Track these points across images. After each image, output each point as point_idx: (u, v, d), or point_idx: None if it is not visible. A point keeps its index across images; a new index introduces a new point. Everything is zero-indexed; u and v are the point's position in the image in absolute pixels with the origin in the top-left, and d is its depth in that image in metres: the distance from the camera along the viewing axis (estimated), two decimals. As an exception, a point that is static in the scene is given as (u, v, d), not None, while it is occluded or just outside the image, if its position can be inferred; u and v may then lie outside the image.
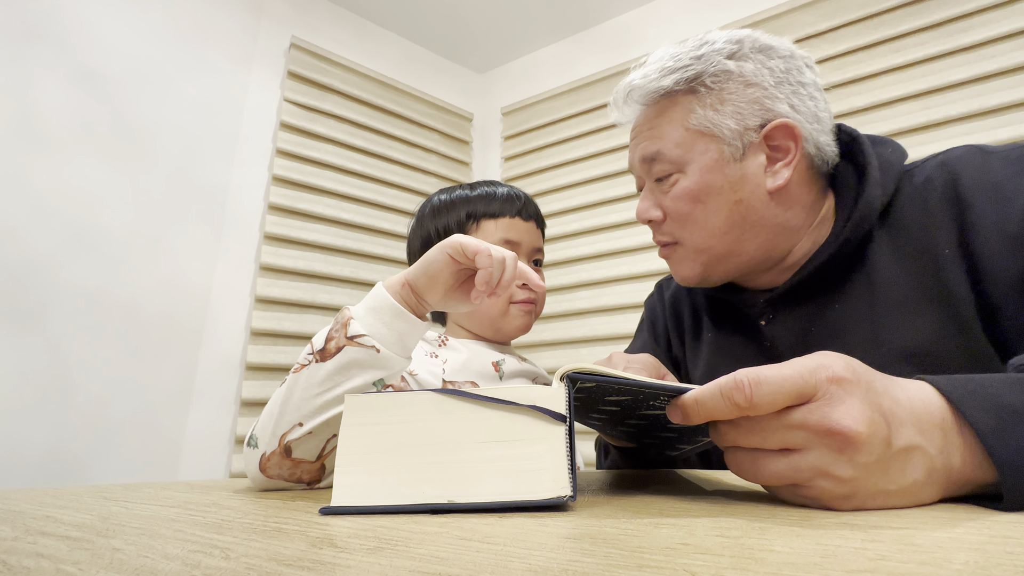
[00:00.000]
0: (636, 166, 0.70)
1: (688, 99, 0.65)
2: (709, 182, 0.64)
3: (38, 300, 1.43)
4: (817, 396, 0.33)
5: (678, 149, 0.65)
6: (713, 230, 0.65)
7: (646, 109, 0.68)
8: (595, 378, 0.37)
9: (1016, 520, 0.29)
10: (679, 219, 0.66)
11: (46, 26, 1.52)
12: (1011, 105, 1.49)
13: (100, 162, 1.56)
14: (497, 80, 2.58)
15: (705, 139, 0.64)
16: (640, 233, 2.01)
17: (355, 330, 0.52)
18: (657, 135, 0.66)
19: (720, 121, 0.63)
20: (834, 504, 0.33)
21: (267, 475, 0.52)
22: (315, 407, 0.51)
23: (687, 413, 0.37)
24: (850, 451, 0.32)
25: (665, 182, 0.67)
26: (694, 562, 0.21)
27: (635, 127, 0.70)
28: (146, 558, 0.24)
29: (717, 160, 0.64)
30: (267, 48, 1.96)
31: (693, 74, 0.64)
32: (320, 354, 0.52)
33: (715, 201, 0.64)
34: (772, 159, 0.64)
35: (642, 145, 0.68)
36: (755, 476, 0.36)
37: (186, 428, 1.62)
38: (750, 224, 0.65)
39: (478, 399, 0.37)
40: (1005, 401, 0.34)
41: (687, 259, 0.69)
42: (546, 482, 0.35)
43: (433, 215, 0.90)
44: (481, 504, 0.35)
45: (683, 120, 0.65)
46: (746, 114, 0.63)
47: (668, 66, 0.65)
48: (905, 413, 0.34)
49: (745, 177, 0.64)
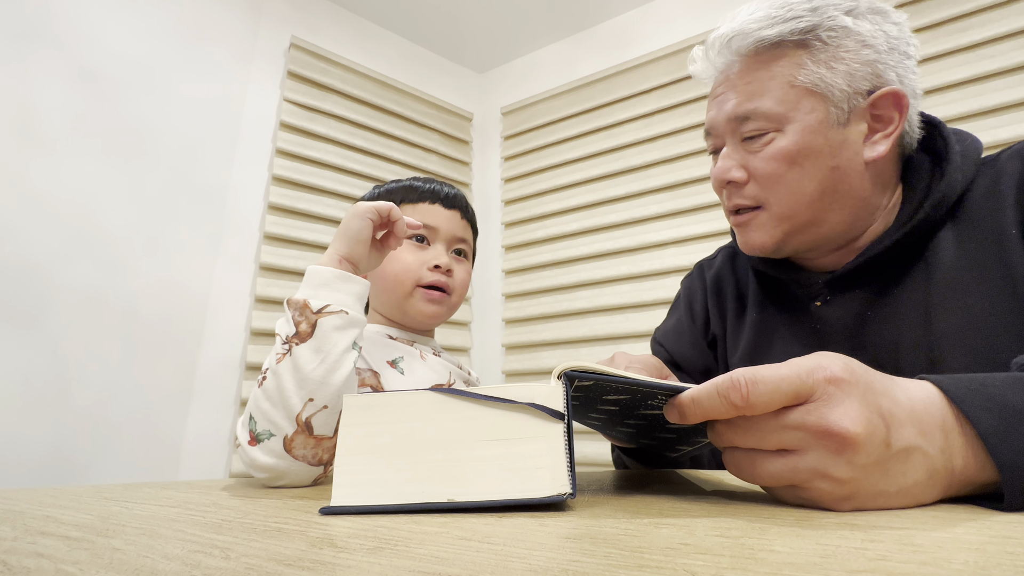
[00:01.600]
0: (721, 123, 0.64)
1: (798, 53, 0.60)
2: (809, 144, 0.60)
3: (38, 300, 1.42)
4: (815, 397, 0.33)
5: (780, 106, 0.60)
6: (803, 196, 0.61)
7: (744, 60, 0.63)
8: (592, 376, 0.37)
9: (1016, 520, 0.29)
10: (768, 181, 0.62)
11: (45, 26, 1.52)
12: (1011, 105, 1.49)
13: (100, 162, 1.56)
14: (497, 80, 2.58)
15: (812, 98, 0.59)
16: (640, 233, 2.01)
17: (317, 306, 0.57)
18: (756, 90, 0.61)
19: (832, 80, 0.59)
20: (833, 505, 0.33)
21: (295, 456, 0.53)
22: (318, 379, 0.54)
23: (684, 412, 0.37)
24: (848, 453, 0.32)
25: (756, 141, 0.62)
26: (694, 562, 0.21)
27: (725, 80, 0.64)
28: (146, 558, 0.24)
29: (822, 122, 0.59)
30: (267, 48, 1.96)
31: (808, 25, 0.59)
32: (296, 337, 0.56)
33: (812, 165, 0.60)
34: (872, 129, 0.61)
35: (735, 100, 0.62)
36: (752, 476, 0.36)
37: (186, 428, 1.62)
38: (840, 194, 0.61)
39: (476, 398, 0.37)
40: (1008, 401, 0.33)
41: (767, 225, 0.64)
42: (545, 480, 0.35)
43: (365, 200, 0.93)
44: (481, 503, 0.35)
45: (790, 75, 0.60)
46: (858, 76, 0.59)
47: (777, 15, 0.60)
48: (905, 414, 0.34)
49: (846, 143, 0.60)
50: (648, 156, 2.05)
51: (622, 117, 2.14)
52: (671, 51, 2.06)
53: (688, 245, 1.91)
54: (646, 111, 2.08)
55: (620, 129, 2.15)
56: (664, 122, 2.04)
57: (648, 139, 2.07)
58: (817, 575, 0.19)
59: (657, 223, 2.00)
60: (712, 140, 0.67)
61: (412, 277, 0.81)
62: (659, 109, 2.06)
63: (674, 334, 0.81)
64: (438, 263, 0.81)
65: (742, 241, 0.67)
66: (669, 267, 1.91)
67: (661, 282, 1.93)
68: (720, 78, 0.65)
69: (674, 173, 1.98)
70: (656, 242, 1.97)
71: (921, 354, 0.57)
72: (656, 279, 1.95)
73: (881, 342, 0.60)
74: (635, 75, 2.14)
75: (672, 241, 1.94)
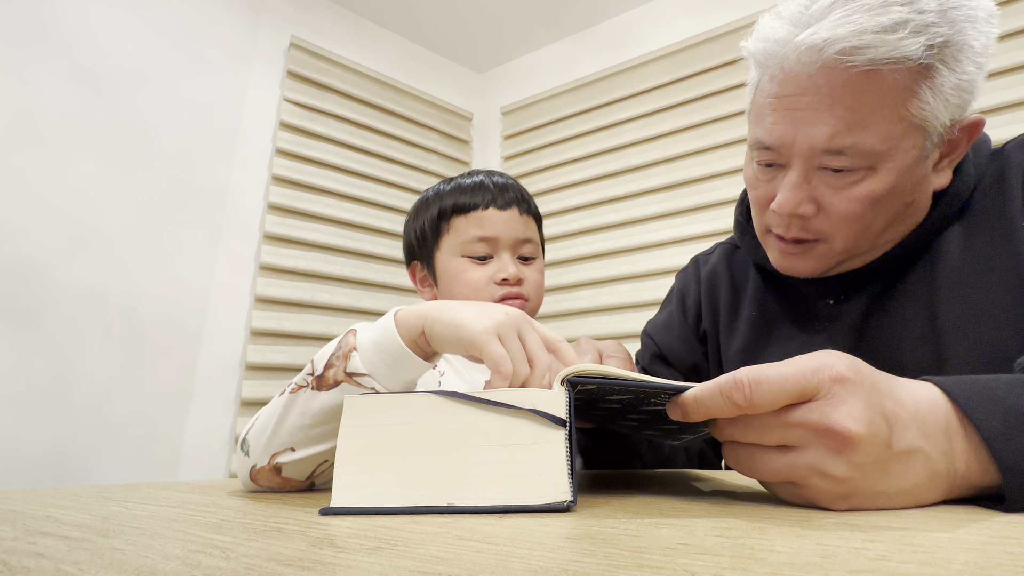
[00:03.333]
0: (801, 148, 0.52)
1: (916, 79, 0.48)
2: (898, 184, 0.52)
3: (38, 300, 1.42)
4: (819, 395, 0.33)
5: (883, 144, 0.49)
6: (871, 232, 0.55)
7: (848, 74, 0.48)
8: (596, 380, 0.37)
9: (1016, 520, 0.29)
10: (843, 220, 0.54)
11: (45, 26, 1.52)
12: (1011, 105, 1.49)
13: (100, 162, 1.56)
14: (497, 79, 2.58)
15: (915, 134, 0.50)
16: (640, 233, 2.01)
17: (355, 366, 0.46)
18: (859, 120, 0.49)
19: (943, 115, 0.49)
20: (830, 504, 0.33)
21: (257, 484, 0.52)
22: (308, 437, 0.48)
23: (687, 411, 0.37)
24: (848, 452, 0.32)
25: (841, 175, 0.52)
26: (694, 562, 0.21)
27: (812, 89, 0.50)
28: (146, 558, 0.24)
29: (916, 159, 0.51)
30: (267, 48, 1.96)
31: (941, 41, 0.46)
32: (318, 381, 0.47)
33: (892, 203, 0.53)
34: (942, 155, 0.54)
35: (829, 127, 0.50)
36: (751, 471, 0.36)
37: (186, 428, 1.62)
38: (900, 222, 0.56)
39: (478, 402, 0.37)
40: (1012, 404, 0.33)
41: (823, 257, 0.57)
42: (546, 487, 0.35)
43: (415, 215, 0.85)
44: (480, 508, 0.35)
45: (902, 103, 0.48)
46: (958, 104, 0.50)
47: (913, 21, 0.46)
48: (909, 415, 0.33)
49: (925, 177, 0.53)
50: (648, 156, 2.05)
51: (622, 117, 2.13)
52: (671, 51, 2.06)
53: (688, 245, 1.91)
54: (646, 111, 2.08)
55: (620, 129, 2.15)
56: (664, 122, 2.04)
57: (648, 139, 2.07)
58: (817, 575, 0.19)
59: (657, 223, 2.00)
60: (771, 155, 0.55)
61: (482, 298, 0.76)
62: (659, 109, 2.06)
63: (664, 328, 0.80)
64: (505, 276, 0.76)
65: (786, 266, 0.60)
66: (669, 267, 1.91)
67: (661, 282, 1.93)
68: (803, 83, 0.50)
69: (674, 173, 1.98)
70: (656, 242, 1.97)
71: (926, 348, 0.56)
72: (656, 279, 1.95)
73: (885, 337, 0.59)
74: (635, 75, 2.14)
75: (672, 241, 1.94)
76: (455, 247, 0.79)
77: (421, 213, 0.84)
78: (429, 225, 0.82)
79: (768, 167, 0.57)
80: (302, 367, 0.56)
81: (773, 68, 0.53)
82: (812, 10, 0.49)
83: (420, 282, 0.86)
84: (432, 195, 0.83)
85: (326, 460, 0.50)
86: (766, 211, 0.58)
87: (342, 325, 1.93)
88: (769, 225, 0.59)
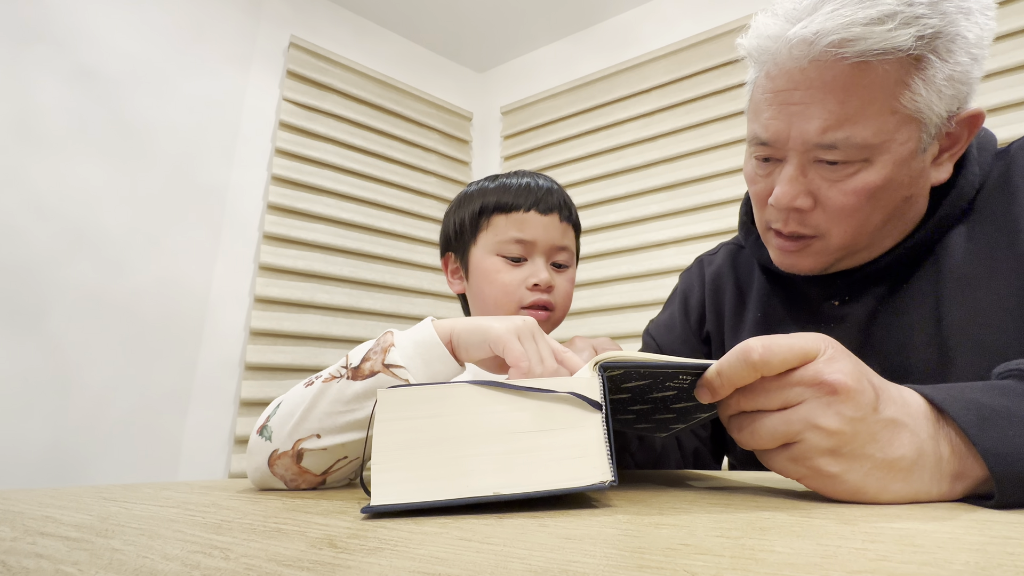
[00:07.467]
0: (795, 142, 0.53)
1: (908, 71, 0.48)
2: (894, 177, 0.52)
3: (38, 300, 1.42)
4: (819, 355, 0.36)
5: (877, 137, 0.50)
6: (868, 227, 0.55)
7: (839, 66, 0.49)
8: (626, 365, 0.38)
9: (1016, 520, 0.29)
10: (840, 214, 0.54)
11: (44, 26, 1.52)
12: (1011, 105, 1.49)
13: (99, 162, 1.56)
14: (497, 79, 2.58)
15: (910, 126, 0.50)
16: (640, 233, 2.01)
17: (393, 359, 0.49)
18: (851, 113, 0.49)
19: (937, 106, 0.49)
20: (823, 464, 0.35)
21: (272, 471, 0.52)
22: (337, 425, 0.50)
23: (713, 387, 0.39)
24: (837, 403, 0.34)
25: (836, 168, 0.52)
26: (694, 562, 0.21)
27: (805, 83, 0.50)
28: (146, 558, 0.24)
29: (912, 152, 0.51)
30: (266, 47, 1.96)
31: (931, 32, 0.47)
32: (353, 372, 0.50)
33: (888, 197, 0.53)
34: (941, 149, 0.54)
35: (821, 120, 0.50)
36: (753, 437, 0.38)
37: (185, 428, 1.62)
38: (899, 218, 0.56)
39: (515, 389, 0.37)
40: (984, 402, 0.36)
41: (821, 254, 0.58)
42: (588, 468, 0.35)
43: (457, 206, 0.86)
44: (527, 494, 0.34)
45: (894, 96, 0.48)
46: (953, 95, 0.49)
47: (902, 12, 0.46)
48: (894, 394, 0.36)
49: (923, 171, 0.53)
50: (648, 156, 2.05)
51: (622, 116, 2.13)
52: (671, 51, 2.06)
53: (688, 245, 1.91)
54: (646, 110, 2.08)
55: (620, 129, 2.15)
56: (664, 122, 2.04)
57: (648, 139, 2.07)
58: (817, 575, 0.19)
59: (657, 223, 2.00)
60: (768, 151, 0.56)
61: (512, 300, 0.77)
62: (659, 108, 2.06)
63: (666, 328, 0.80)
64: (537, 281, 0.77)
65: (786, 263, 0.61)
66: (669, 267, 1.91)
67: (661, 282, 1.93)
68: (796, 77, 0.51)
69: (674, 173, 1.98)
70: (656, 242, 1.97)
71: (932, 350, 0.56)
72: (656, 279, 1.95)
73: (891, 339, 0.59)
74: (635, 75, 2.14)
75: (672, 241, 1.94)
76: (491, 245, 0.79)
77: (463, 206, 0.84)
78: (469, 219, 0.82)
79: (766, 162, 0.58)
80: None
81: (768, 64, 0.53)
82: (804, 5, 0.50)
83: (451, 273, 0.87)
84: (476, 190, 0.83)
85: (345, 456, 0.51)
86: (765, 206, 0.59)
87: (342, 325, 1.93)
88: (769, 221, 0.60)
